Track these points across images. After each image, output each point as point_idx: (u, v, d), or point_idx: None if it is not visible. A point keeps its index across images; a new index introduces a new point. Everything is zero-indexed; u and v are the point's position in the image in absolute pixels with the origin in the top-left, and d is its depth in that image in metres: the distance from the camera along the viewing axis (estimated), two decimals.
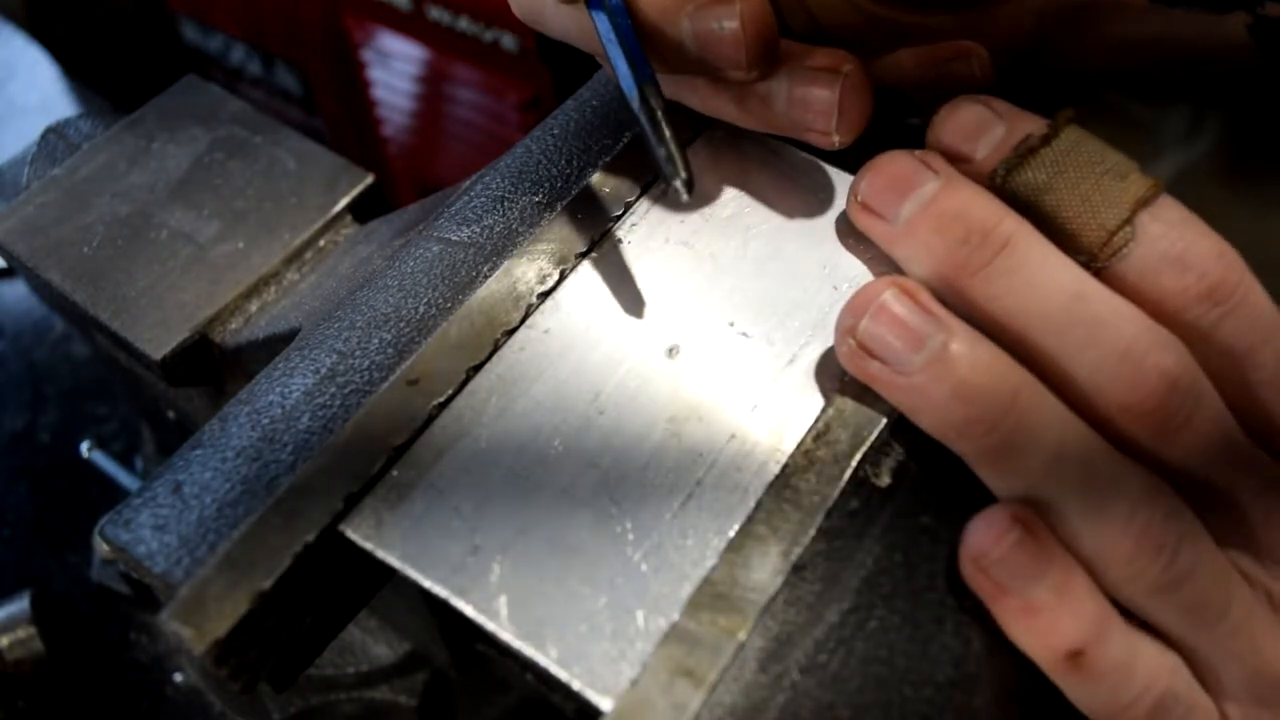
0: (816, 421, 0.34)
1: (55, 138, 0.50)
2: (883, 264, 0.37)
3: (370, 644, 0.49)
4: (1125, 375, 0.29)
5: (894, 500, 0.32)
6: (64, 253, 0.45)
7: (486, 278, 0.37)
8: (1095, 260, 0.32)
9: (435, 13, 0.98)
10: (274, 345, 0.42)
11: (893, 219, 0.32)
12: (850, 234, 0.38)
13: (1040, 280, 0.30)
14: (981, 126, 0.33)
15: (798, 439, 0.33)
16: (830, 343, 0.35)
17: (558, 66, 0.94)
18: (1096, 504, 0.29)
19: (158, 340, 0.43)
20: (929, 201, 0.31)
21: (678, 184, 0.33)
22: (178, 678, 0.61)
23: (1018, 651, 0.31)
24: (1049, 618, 0.29)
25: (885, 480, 0.33)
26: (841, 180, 0.39)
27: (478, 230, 0.38)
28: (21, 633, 0.58)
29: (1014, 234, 0.31)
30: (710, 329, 0.36)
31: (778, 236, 0.38)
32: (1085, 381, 0.30)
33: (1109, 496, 0.29)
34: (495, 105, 1.01)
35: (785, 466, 0.33)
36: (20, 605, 0.59)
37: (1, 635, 0.58)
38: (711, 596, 0.30)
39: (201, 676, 0.32)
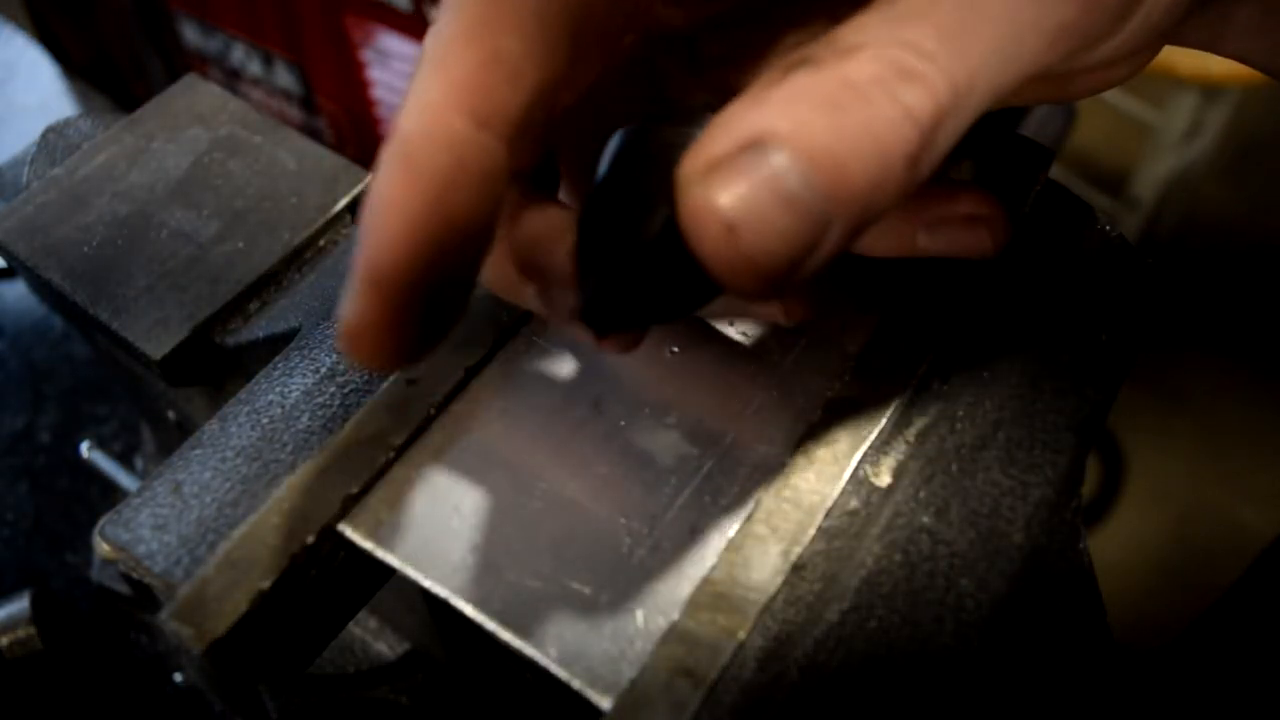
0: (816, 420, 0.34)
1: (55, 138, 0.50)
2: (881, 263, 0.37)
3: (370, 644, 0.49)
4: None
5: (894, 500, 0.32)
6: (64, 253, 0.45)
7: None
8: None
9: (435, 13, 0.98)
10: (274, 344, 0.42)
11: None
12: None
13: None
14: None
15: (797, 438, 0.33)
16: (831, 343, 0.35)
17: None
18: None
19: (158, 340, 0.43)
20: None
21: None
22: (178, 678, 0.61)
23: (1017, 652, 0.31)
24: None
25: (885, 480, 0.33)
26: None
27: None
28: (21, 633, 0.58)
29: None
30: (710, 328, 0.36)
31: None
32: None
33: None
34: None
35: (785, 466, 0.33)
36: (20, 605, 0.59)
37: (1, 635, 0.58)
38: (711, 596, 0.30)
39: (201, 676, 0.32)
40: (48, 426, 0.73)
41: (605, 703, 0.29)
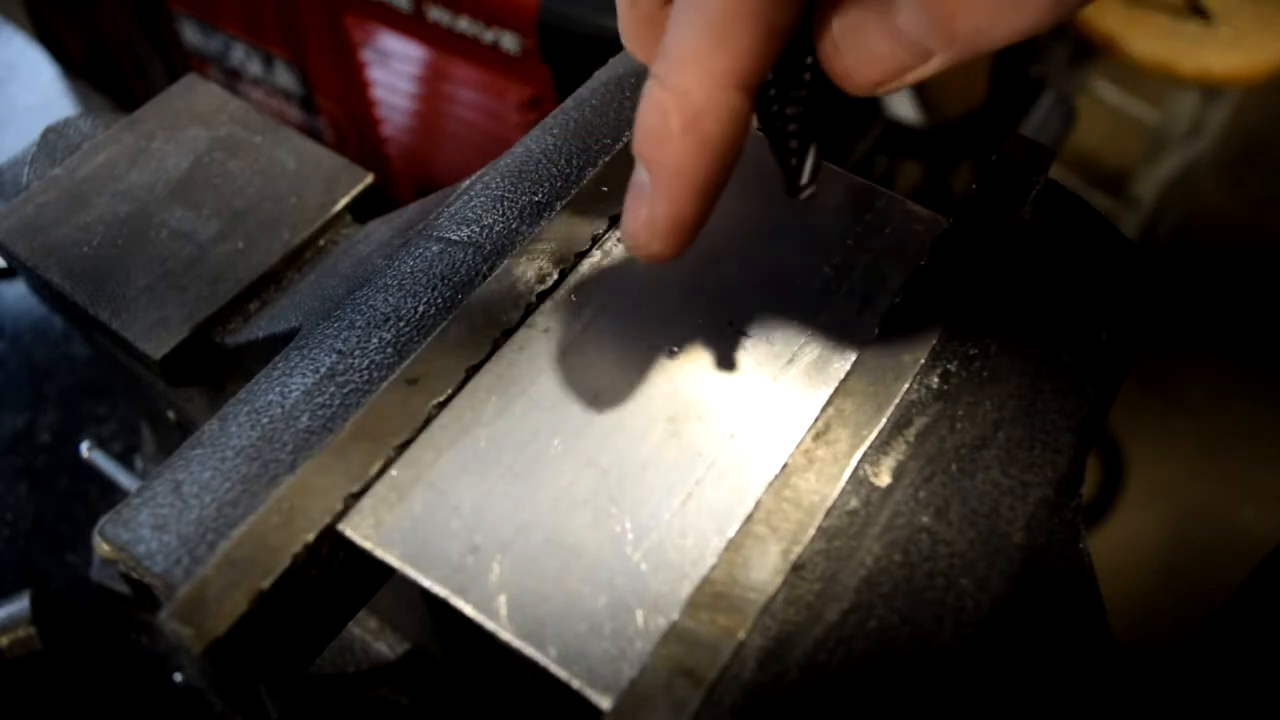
0: (816, 421, 0.34)
1: (55, 138, 0.50)
2: (880, 262, 0.37)
3: (370, 644, 0.49)
4: None
5: (894, 500, 0.32)
6: (64, 253, 0.45)
7: (486, 277, 0.37)
8: None
9: (435, 13, 0.98)
10: (274, 344, 0.42)
11: None
12: (851, 232, 0.38)
13: None
14: None
15: (797, 438, 0.33)
16: (830, 343, 0.35)
17: (558, 66, 0.94)
18: None
19: (158, 340, 0.43)
20: None
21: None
22: (178, 678, 0.61)
23: (1017, 652, 0.31)
24: None
25: (885, 480, 0.33)
26: (839, 177, 0.39)
27: (477, 230, 0.38)
28: (21, 633, 0.58)
29: None
30: (710, 329, 0.36)
31: (777, 235, 0.38)
32: None
33: None
34: (495, 105, 1.01)
35: (785, 466, 0.33)
36: (20, 605, 0.59)
37: (1, 635, 0.58)
38: (711, 596, 0.30)
39: (201, 676, 0.32)
40: (48, 426, 0.73)
41: (605, 703, 0.28)
